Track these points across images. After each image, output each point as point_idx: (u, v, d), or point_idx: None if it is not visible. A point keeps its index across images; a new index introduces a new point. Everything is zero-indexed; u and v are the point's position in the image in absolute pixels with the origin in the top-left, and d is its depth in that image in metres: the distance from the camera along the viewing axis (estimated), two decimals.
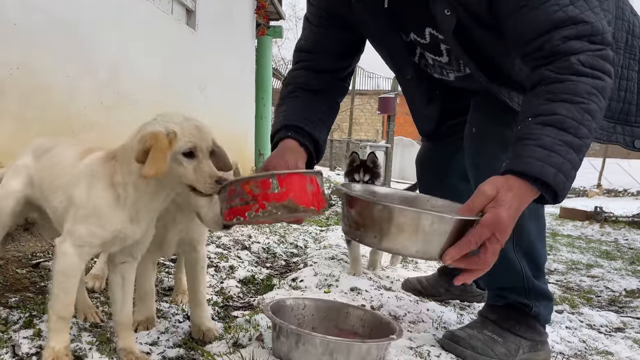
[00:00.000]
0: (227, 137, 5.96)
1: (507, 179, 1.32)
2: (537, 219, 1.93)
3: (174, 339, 1.83)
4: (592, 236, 7.87)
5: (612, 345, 2.50)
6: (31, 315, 1.81)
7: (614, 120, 1.77)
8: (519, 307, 1.95)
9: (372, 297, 2.52)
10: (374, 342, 1.50)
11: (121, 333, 1.59)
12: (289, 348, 1.51)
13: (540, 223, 1.96)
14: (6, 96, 2.63)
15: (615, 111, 1.77)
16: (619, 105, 1.77)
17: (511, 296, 1.96)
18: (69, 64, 3.08)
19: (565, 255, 5.62)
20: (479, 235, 1.27)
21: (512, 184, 1.31)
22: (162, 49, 4.37)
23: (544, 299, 1.97)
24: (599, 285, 4.15)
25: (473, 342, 1.85)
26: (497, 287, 2.02)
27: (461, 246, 1.28)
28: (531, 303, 1.93)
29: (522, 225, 1.81)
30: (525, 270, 1.91)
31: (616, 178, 21.65)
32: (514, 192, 1.31)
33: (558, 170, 1.31)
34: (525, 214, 1.76)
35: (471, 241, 1.28)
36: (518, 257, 1.90)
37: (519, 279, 1.91)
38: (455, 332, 1.93)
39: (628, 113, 1.79)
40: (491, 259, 1.31)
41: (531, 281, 1.92)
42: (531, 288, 1.93)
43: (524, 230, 1.85)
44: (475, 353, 1.83)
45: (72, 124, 3.13)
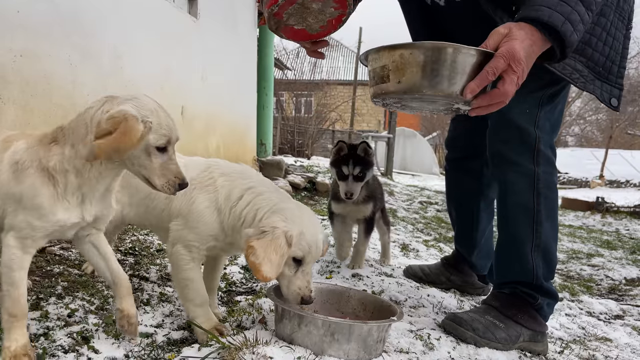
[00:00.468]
0: (228, 127, 5.96)
1: (519, 23, 1.41)
2: (552, 219, 1.94)
3: (179, 321, 1.86)
4: (593, 226, 7.88)
5: (611, 332, 2.52)
6: (38, 297, 1.83)
7: (594, 73, 1.77)
8: (523, 296, 1.97)
9: (374, 283, 2.55)
10: (375, 323, 1.52)
11: (117, 294, 1.50)
12: (291, 329, 1.54)
13: (554, 224, 1.96)
14: (9, 83, 2.64)
15: (598, 63, 1.76)
16: (602, 59, 1.77)
17: (520, 289, 1.99)
18: (71, 51, 3.08)
19: (566, 245, 5.64)
20: (495, 67, 1.34)
21: (524, 26, 1.39)
22: (164, 38, 4.36)
23: (550, 297, 2.00)
24: (599, 274, 4.17)
25: (475, 324, 1.87)
26: (506, 281, 2.03)
27: (480, 78, 1.35)
28: (537, 296, 1.96)
29: (540, 223, 1.86)
30: (537, 270, 1.93)
31: (619, 169, 21.61)
32: (526, 30, 1.38)
33: (566, 19, 1.39)
34: (542, 213, 1.83)
35: (489, 72, 1.34)
36: (534, 257, 1.91)
37: (529, 276, 1.94)
38: (457, 314, 1.95)
39: (609, 71, 1.79)
40: (510, 89, 1.37)
41: (540, 281, 1.95)
42: (539, 286, 1.96)
43: (542, 230, 1.87)
44: (476, 335, 1.85)
45: (75, 111, 3.12)
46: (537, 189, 1.83)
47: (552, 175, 1.89)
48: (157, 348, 1.64)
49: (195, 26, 4.95)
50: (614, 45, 1.77)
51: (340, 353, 1.49)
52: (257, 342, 1.49)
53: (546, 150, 1.85)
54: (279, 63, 17.50)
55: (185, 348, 1.63)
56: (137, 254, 2.68)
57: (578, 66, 1.73)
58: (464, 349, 1.78)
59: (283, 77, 23.42)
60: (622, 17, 1.78)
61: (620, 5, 1.78)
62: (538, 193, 1.84)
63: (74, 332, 1.63)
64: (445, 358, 1.66)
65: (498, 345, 1.85)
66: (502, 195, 1.96)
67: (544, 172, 1.84)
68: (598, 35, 1.73)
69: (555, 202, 1.92)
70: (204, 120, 5.22)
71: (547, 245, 1.91)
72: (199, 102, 5.07)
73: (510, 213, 1.93)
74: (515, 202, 1.90)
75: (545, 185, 1.84)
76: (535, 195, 1.84)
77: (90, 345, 1.57)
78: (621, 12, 1.78)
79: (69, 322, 1.70)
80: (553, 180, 1.89)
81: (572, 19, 1.40)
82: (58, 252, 2.38)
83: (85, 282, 2.09)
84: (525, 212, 1.87)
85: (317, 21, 1.82)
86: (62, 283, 2.01)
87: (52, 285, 1.97)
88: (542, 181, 1.83)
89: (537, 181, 1.83)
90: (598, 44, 1.73)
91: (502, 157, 1.90)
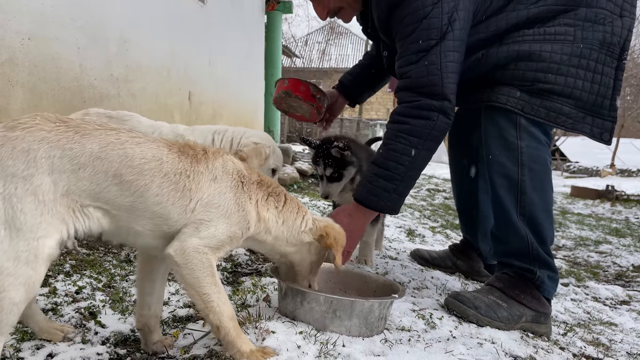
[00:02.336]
0: (236, 113, 5.97)
1: (354, 204, 1.95)
2: (541, 191, 1.96)
3: (184, 299, 1.89)
4: (602, 214, 7.84)
5: (616, 317, 2.52)
6: (47, 275, 1.86)
7: (585, 111, 1.87)
8: (524, 275, 1.98)
9: (378, 265, 2.56)
10: (376, 300, 1.53)
11: None
12: (294, 306, 1.55)
13: (544, 196, 1.98)
14: (17, 66, 2.67)
15: (587, 102, 1.86)
16: (592, 98, 1.86)
17: (516, 262, 2.00)
18: (78, 35, 3.10)
19: (574, 232, 5.62)
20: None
21: (351, 209, 1.95)
22: (171, 22, 4.37)
23: (548, 269, 1.99)
24: (607, 260, 4.15)
25: (477, 302, 1.89)
26: (504, 252, 2.07)
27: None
28: (535, 269, 1.97)
29: (525, 193, 1.93)
30: (529, 237, 1.95)
31: (630, 158, 21.39)
32: (352, 214, 1.94)
33: (369, 194, 1.89)
34: (528, 185, 1.91)
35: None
36: (522, 224, 1.95)
37: (523, 244, 1.96)
38: (460, 293, 1.97)
39: (601, 106, 1.88)
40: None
41: (535, 248, 1.95)
42: (535, 256, 1.96)
43: (526, 199, 1.93)
44: (479, 313, 1.86)
45: (82, 95, 3.16)
46: (520, 161, 1.91)
47: (538, 150, 1.93)
48: (162, 324, 1.67)
49: (202, 11, 4.94)
50: (603, 80, 1.86)
51: (341, 329, 1.51)
52: (260, 317, 1.52)
53: (530, 126, 1.91)
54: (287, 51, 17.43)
55: (190, 324, 1.66)
56: None
57: (565, 109, 1.87)
58: (465, 328, 1.79)
59: (291, 65, 23.34)
60: (610, 51, 1.86)
61: (608, 41, 1.85)
62: (522, 165, 1.91)
63: (82, 308, 1.66)
64: (447, 337, 1.67)
65: (500, 325, 1.86)
66: (490, 167, 2.02)
67: (527, 146, 1.91)
68: (583, 77, 1.85)
69: (544, 175, 1.96)
70: (211, 106, 5.23)
71: (534, 215, 1.94)
72: (206, 88, 5.08)
73: (496, 183, 1.99)
74: (500, 173, 1.97)
75: (529, 159, 1.92)
76: (519, 166, 1.92)
77: (97, 320, 1.60)
78: (609, 46, 1.86)
79: (76, 299, 1.73)
80: (540, 155, 1.94)
81: (376, 193, 1.88)
82: None
83: (93, 261, 2.12)
84: (509, 181, 1.95)
85: (303, 111, 2.41)
86: (70, 262, 2.04)
87: (61, 263, 2.01)
88: (526, 154, 1.91)
89: (521, 154, 1.91)
90: (585, 84, 1.85)
91: (489, 134, 1.99)
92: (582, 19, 1.85)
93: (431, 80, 1.81)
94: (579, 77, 1.85)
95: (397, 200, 1.90)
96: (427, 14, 1.79)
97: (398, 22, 1.88)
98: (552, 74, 1.84)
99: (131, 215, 1.27)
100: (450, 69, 1.81)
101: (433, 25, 1.80)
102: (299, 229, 1.49)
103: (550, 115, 1.87)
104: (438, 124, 1.83)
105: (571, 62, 1.84)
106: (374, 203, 1.89)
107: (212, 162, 1.38)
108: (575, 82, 1.85)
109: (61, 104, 2.98)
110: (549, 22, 1.87)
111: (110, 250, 2.32)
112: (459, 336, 1.70)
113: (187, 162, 1.33)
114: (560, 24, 1.86)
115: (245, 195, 1.39)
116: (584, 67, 1.85)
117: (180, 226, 1.30)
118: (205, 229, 1.30)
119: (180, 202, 1.29)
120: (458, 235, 4.20)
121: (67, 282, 1.84)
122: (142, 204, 1.26)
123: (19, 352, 1.36)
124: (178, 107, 4.39)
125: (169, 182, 1.28)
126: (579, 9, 1.85)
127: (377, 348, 1.48)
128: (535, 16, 1.87)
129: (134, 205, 1.25)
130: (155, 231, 1.30)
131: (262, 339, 1.37)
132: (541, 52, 1.84)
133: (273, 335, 1.39)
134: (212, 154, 1.40)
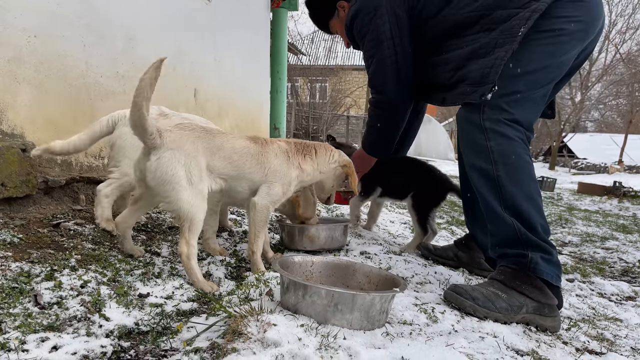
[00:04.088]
0: (242, 111, 5.99)
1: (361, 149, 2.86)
2: (518, 182, 2.03)
3: (188, 294, 1.91)
4: (609, 210, 7.78)
5: (622, 312, 2.51)
6: (52, 269, 1.89)
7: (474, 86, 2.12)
8: (519, 261, 2.01)
9: (381, 260, 2.57)
10: (377, 294, 1.54)
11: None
12: (296, 299, 1.56)
13: (523, 187, 2.04)
14: (24, 63, 2.69)
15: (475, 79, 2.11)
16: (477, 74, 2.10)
17: (509, 250, 2.04)
18: (84, 32, 3.12)
19: (581, 229, 5.59)
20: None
21: (360, 152, 2.86)
22: (177, 20, 4.38)
23: (540, 251, 2.00)
24: (613, 256, 4.13)
25: (475, 294, 1.89)
26: (498, 244, 2.11)
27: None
28: (526, 252, 1.99)
29: (502, 186, 2.05)
30: (516, 224, 2.01)
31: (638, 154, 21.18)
32: (362, 155, 2.85)
33: (364, 145, 2.81)
34: (502, 177, 2.04)
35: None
36: (507, 214, 2.03)
37: (512, 231, 2.01)
38: (459, 285, 1.98)
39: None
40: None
41: (524, 232, 2.00)
42: (525, 240, 2.00)
43: (505, 192, 2.03)
44: (476, 304, 1.86)
45: (88, 92, 3.18)
46: (493, 159, 2.06)
47: (509, 145, 2.05)
48: (166, 317, 1.69)
49: (207, 8, 4.96)
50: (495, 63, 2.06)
51: (343, 322, 1.52)
52: (262, 310, 1.53)
53: (495, 126, 2.06)
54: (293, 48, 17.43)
55: (193, 317, 1.67)
56: (149, 231, 2.73)
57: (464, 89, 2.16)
58: (467, 322, 1.79)
59: (298, 62, 23.32)
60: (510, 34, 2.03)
61: (508, 29, 2.03)
62: (495, 162, 2.06)
63: (87, 301, 1.68)
64: (449, 330, 1.68)
65: (498, 315, 1.86)
66: (471, 172, 2.18)
67: (496, 144, 2.05)
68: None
69: (521, 167, 2.04)
70: (217, 103, 5.25)
71: (516, 204, 2.02)
72: (212, 85, 5.09)
73: (478, 183, 2.13)
74: (480, 175, 2.11)
75: (500, 154, 2.05)
76: (492, 164, 2.06)
77: (102, 314, 1.62)
78: (510, 30, 2.03)
79: (81, 292, 1.75)
80: (510, 149, 2.04)
81: (370, 143, 2.78)
82: (72, 227, 2.43)
83: (99, 255, 2.14)
84: (487, 179, 2.08)
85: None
86: (76, 256, 2.06)
87: (66, 258, 2.03)
88: (496, 152, 2.05)
89: (492, 153, 2.06)
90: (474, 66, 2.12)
91: (466, 144, 2.20)
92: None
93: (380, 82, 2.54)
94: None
95: (375, 147, 2.78)
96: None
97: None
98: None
99: (235, 180, 2.15)
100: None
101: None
102: (329, 161, 2.43)
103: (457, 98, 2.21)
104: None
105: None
106: (368, 150, 2.79)
107: (271, 146, 2.25)
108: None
109: (67, 101, 3.00)
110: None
111: (115, 245, 2.35)
112: (461, 330, 1.70)
113: (260, 147, 2.20)
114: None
115: (290, 163, 2.27)
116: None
117: (260, 184, 2.20)
118: (272, 189, 2.21)
119: (261, 170, 2.18)
120: (463, 232, 4.19)
121: (73, 276, 1.85)
122: (241, 173, 2.15)
123: (24, 345, 1.37)
124: (184, 104, 4.40)
125: (254, 160, 2.16)
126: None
127: (378, 341, 1.49)
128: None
129: (238, 174, 2.14)
130: (247, 190, 2.20)
131: (263, 331, 1.38)
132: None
133: (274, 327, 1.40)
134: (270, 141, 2.27)
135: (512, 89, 2.06)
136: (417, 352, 1.43)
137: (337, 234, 2.72)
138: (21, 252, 2.02)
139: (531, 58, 2.05)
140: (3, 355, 1.31)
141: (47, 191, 2.73)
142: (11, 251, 2.00)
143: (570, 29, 2.04)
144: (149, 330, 1.60)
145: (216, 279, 2.14)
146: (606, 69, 27.14)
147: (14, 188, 2.42)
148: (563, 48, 2.06)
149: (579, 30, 2.06)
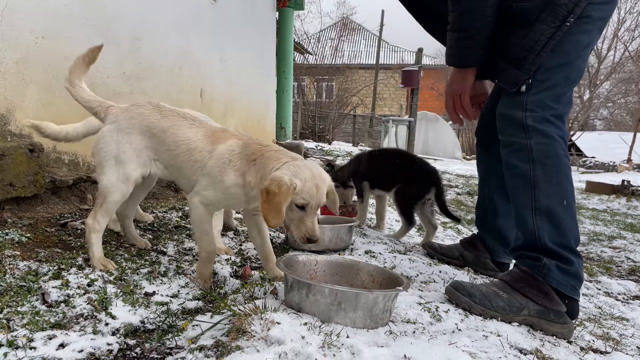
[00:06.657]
0: (247, 110, 6.01)
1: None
2: (555, 184, 1.95)
3: (193, 292, 1.92)
4: (618, 209, 7.73)
5: (628, 312, 2.50)
6: (59, 268, 1.91)
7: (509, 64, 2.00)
8: (532, 264, 1.96)
9: (386, 259, 2.57)
10: (380, 292, 1.55)
11: (267, 267, 2.13)
12: (299, 298, 1.57)
13: (559, 189, 1.96)
14: (31, 64, 2.72)
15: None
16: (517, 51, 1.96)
17: (525, 253, 2.00)
18: (91, 33, 3.15)
19: (588, 228, 5.55)
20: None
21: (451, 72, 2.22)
22: (183, 20, 4.40)
23: (558, 259, 1.92)
24: (620, 255, 4.10)
25: (473, 291, 1.89)
26: (518, 246, 2.06)
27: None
28: (541, 256, 1.94)
29: (537, 187, 1.94)
30: (538, 232, 1.94)
31: None
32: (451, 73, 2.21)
33: (453, 54, 2.12)
34: (539, 178, 1.95)
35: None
36: (535, 219, 1.95)
37: (532, 236, 1.96)
38: (460, 281, 1.98)
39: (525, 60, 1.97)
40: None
41: (544, 242, 1.93)
42: (543, 246, 1.94)
43: (540, 193, 1.94)
44: (472, 301, 1.86)
45: (95, 92, 3.18)
46: (531, 158, 1.97)
47: (549, 145, 1.97)
48: (171, 315, 1.70)
49: (213, 9, 4.98)
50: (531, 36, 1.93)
51: (346, 321, 1.52)
52: (266, 309, 1.54)
53: (538, 124, 1.97)
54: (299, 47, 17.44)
55: (198, 316, 1.69)
56: (156, 230, 2.76)
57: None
58: (471, 321, 1.79)
59: (304, 61, 23.32)
60: (555, 12, 1.89)
61: (555, 2, 1.88)
62: (533, 161, 1.97)
63: (93, 300, 1.70)
64: (452, 329, 1.68)
65: (495, 314, 1.86)
66: (505, 171, 2.10)
67: (536, 143, 1.96)
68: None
69: (559, 169, 1.97)
70: (223, 103, 5.27)
71: (550, 208, 1.94)
72: (218, 85, 5.12)
73: (511, 183, 2.06)
74: (515, 174, 2.03)
75: (540, 154, 1.96)
76: (530, 163, 1.97)
77: (108, 312, 1.64)
78: (554, 7, 1.89)
79: (88, 291, 1.77)
80: (551, 150, 1.97)
81: (457, 48, 2.09)
82: (80, 226, 2.46)
83: (105, 255, 2.16)
84: (523, 179, 1.99)
85: None
86: (83, 255, 2.08)
87: (73, 257, 2.05)
88: (536, 151, 1.96)
89: (531, 152, 1.97)
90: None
91: (504, 142, 2.08)
92: None
93: None
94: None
95: (459, 49, 2.10)
96: None
97: None
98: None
99: (175, 170, 2.00)
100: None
101: None
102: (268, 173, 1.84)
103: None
104: None
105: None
106: (452, 57, 2.14)
107: (220, 145, 1.92)
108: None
109: (74, 101, 3.03)
110: None
111: (122, 245, 2.37)
112: (465, 329, 1.71)
113: (208, 144, 1.93)
114: None
115: (230, 169, 1.88)
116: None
117: (195, 182, 1.95)
118: (205, 189, 1.91)
119: (194, 168, 1.94)
120: (469, 231, 4.18)
121: (80, 275, 1.88)
122: (176, 164, 1.98)
123: (32, 342, 1.39)
124: (190, 104, 4.42)
125: (189, 155, 1.94)
126: None
127: (381, 339, 1.49)
128: None
129: (174, 164, 1.98)
130: (187, 182, 1.99)
131: (267, 329, 1.40)
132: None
133: (278, 326, 1.42)
134: (222, 139, 1.94)
135: (554, 82, 1.96)
136: (420, 351, 1.43)
137: (342, 234, 2.73)
138: (29, 251, 2.04)
139: (569, 49, 1.93)
140: (11, 352, 1.33)
141: (55, 191, 2.76)
142: (19, 250, 2.03)
143: (594, 17, 1.92)
144: (154, 328, 1.61)
145: (221, 278, 2.16)
146: (615, 67, 26.92)
147: (22, 188, 2.46)
148: (590, 37, 1.96)
149: (600, 19, 1.96)
